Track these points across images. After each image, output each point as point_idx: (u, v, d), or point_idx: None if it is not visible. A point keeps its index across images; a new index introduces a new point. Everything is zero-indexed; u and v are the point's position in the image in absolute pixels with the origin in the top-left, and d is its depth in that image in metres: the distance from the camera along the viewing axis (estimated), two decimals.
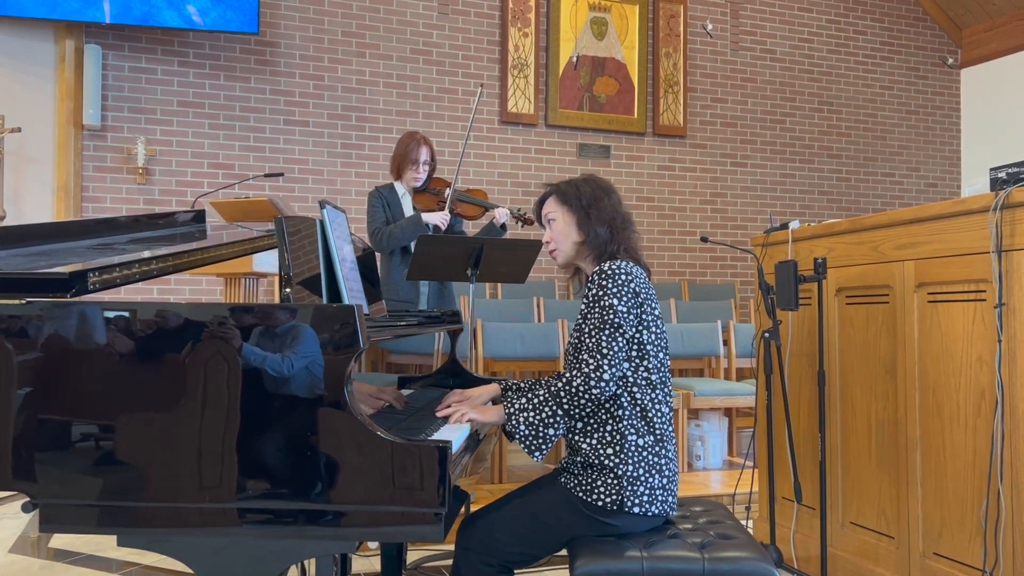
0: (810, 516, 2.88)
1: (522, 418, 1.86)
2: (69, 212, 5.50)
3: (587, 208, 2.03)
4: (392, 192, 3.75)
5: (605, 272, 1.92)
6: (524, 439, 1.85)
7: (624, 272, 1.92)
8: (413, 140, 3.70)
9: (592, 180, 2.11)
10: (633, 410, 1.90)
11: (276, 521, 1.45)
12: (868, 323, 2.63)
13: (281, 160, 6.02)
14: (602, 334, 1.86)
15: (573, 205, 2.05)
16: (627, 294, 1.90)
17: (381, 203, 3.70)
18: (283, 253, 1.67)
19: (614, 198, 2.09)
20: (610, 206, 2.05)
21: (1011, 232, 2.08)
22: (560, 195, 2.08)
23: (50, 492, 1.45)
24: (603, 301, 1.89)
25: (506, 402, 1.96)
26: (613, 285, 1.90)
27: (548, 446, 1.86)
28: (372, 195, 3.74)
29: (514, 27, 6.56)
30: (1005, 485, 2.10)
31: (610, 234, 2.02)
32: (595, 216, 2.03)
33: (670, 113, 6.95)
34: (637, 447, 1.87)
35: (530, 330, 4.78)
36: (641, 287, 1.94)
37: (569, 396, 1.85)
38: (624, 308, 1.88)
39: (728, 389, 4.68)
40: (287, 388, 1.44)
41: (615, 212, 2.06)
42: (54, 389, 1.45)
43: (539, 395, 1.88)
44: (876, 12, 7.71)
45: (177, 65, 5.83)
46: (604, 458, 1.87)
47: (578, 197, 2.05)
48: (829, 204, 7.48)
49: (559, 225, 2.08)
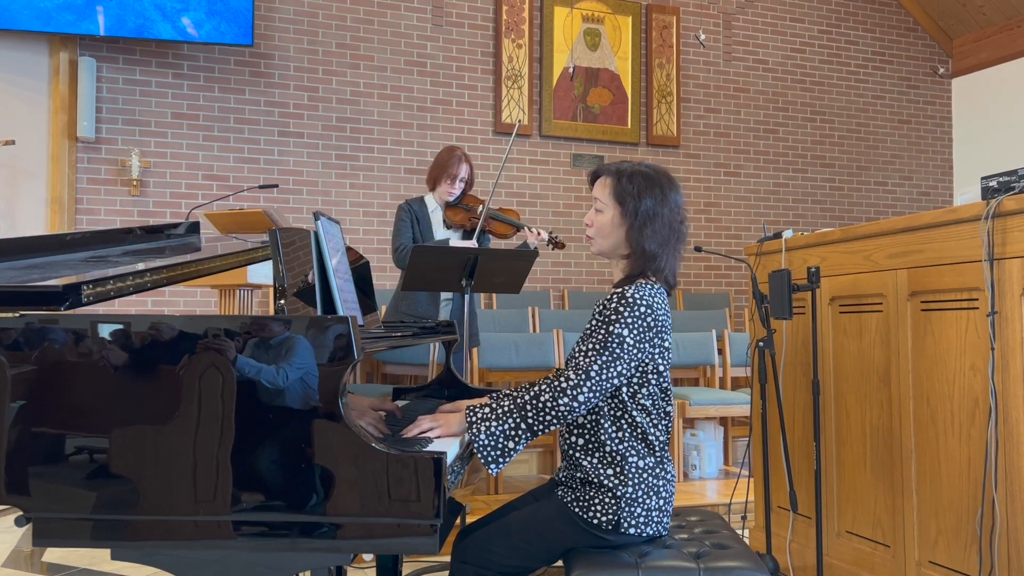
0: (806, 525, 2.88)
1: (484, 427, 1.75)
2: (63, 224, 5.49)
3: (642, 223, 1.89)
4: (422, 206, 3.74)
5: (626, 299, 1.83)
6: (482, 449, 1.74)
7: (645, 304, 1.83)
8: (454, 155, 3.71)
9: (655, 182, 1.92)
10: (633, 432, 1.87)
11: (270, 534, 1.44)
12: (862, 332, 2.64)
13: (275, 171, 6.03)
14: (600, 358, 1.80)
15: (628, 210, 1.91)
16: (640, 327, 1.82)
17: (409, 218, 3.70)
18: (277, 265, 1.67)
19: (673, 206, 1.92)
20: (667, 220, 1.90)
21: (1003, 240, 2.09)
22: (617, 190, 1.92)
23: (43, 506, 1.44)
24: (613, 327, 1.81)
25: (469, 409, 1.81)
26: (630, 315, 1.82)
27: (507, 459, 1.76)
28: (401, 208, 3.74)
29: (508, 38, 6.58)
30: (1000, 493, 2.10)
31: (656, 255, 1.90)
32: (648, 235, 1.89)
33: (664, 123, 6.98)
34: (638, 468, 1.85)
35: (525, 340, 4.77)
36: (658, 320, 1.86)
37: (535, 411, 1.77)
38: (632, 341, 1.81)
39: (723, 398, 4.68)
40: (281, 400, 1.44)
41: (671, 228, 1.91)
42: (48, 402, 1.45)
43: (504, 405, 1.79)
44: (868, 23, 7.76)
45: (171, 77, 5.84)
46: (604, 478, 1.85)
47: (635, 203, 1.89)
48: (822, 213, 7.51)
49: (605, 220, 1.94)
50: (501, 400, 1.82)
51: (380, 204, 6.24)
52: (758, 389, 2.88)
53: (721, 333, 5.25)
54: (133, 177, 5.64)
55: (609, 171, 1.97)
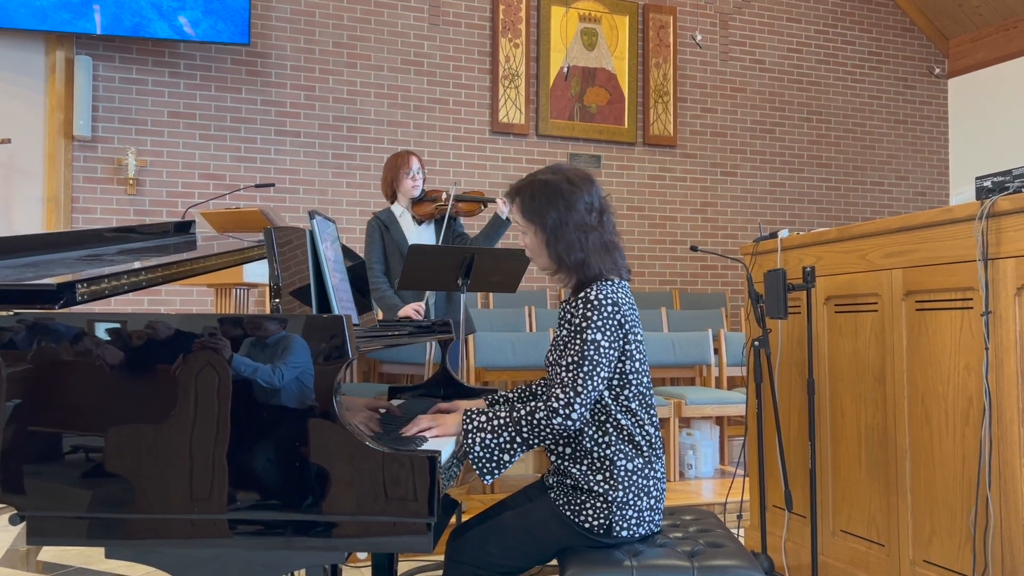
0: (801, 524, 2.89)
1: (478, 438, 1.76)
2: (59, 223, 5.48)
3: (555, 238, 1.88)
4: (390, 215, 3.76)
5: (591, 302, 1.82)
6: (477, 460, 1.75)
7: (610, 302, 1.82)
8: (400, 155, 3.80)
9: (555, 191, 1.88)
10: (619, 435, 1.86)
11: (266, 532, 1.44)
12: (857, 331, 2.64)
13: (272, 171, 6.02)
14: (580, 370, 1.78)
15: (539, 228, 1.90)
16: (611, 327, 1.82)
17: (379, 232, 3.72)
18: (273, 264, 1.67)
19: (582, 206, 1.88)
20: (579, 223, 1.87)
21: (997, 240, 2.10)
22: (524, 211, 1.91)
23: (38, 504, 1.44)
24: (586, 334, 1.80)
25: (467, 416, 1.80)
26: (598, 318, 1.81)
27: (500, 471, 1.76)
28: (370, 224, 3.77)
29: (504, 38, 6.58)
30: (993, 492, 2.11)
31: (582, 262, 1.88)
32: (564, 248, 1.87)
33: (660, 123, 6.99)
34: (627, 471, 1.85)
35: (521, 339, 4.78)
36: (626, 316, 1.86)
37: (530, 427, 1.76)
38: (607, 343, 1.81)
39: (719, 398, 4.68)
40: (276, 399, 1.44)
41: (586, 228, 1.88)
42: (42, 401, 1.45)
43: (500, 417, 1.78)
44: (864, 23, 7.78)
45: (168, 76, 5.83)
46: (594, 484, 1.84)
47: (542, 219, 1.88)
48: (819, 213, 7.52)
49: (528, 242, 1.94)
50: (498, 410, 1.82)
51: (376, 203, 6.23)
52: (754, 388, 2.88)
53: (717, 333, 5.25)
54: (129, 176, 5.63)
55: (514, 192, 1.95)
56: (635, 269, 6.88)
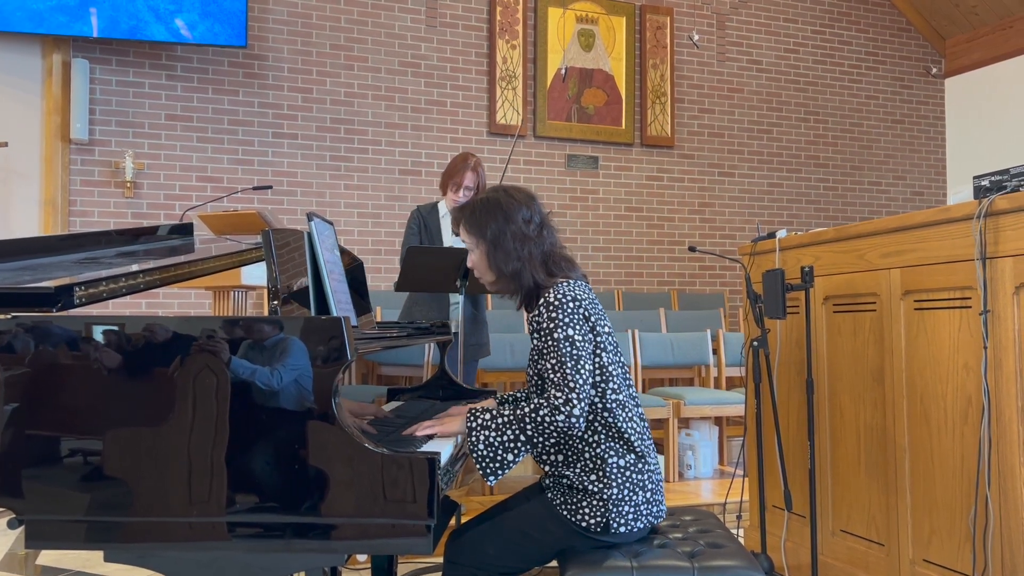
0: (800, 524, 2.89)
1: (482, 436, 1.77)
2: (56, 226, 5.48)
3: (494, 249, 1.93)
4: (433, 212, 3.69)
5: (552, 304, 1.85)
6: (481, 459, 1.76)
7: (571, 299, 1.86)
8: (461, 163, 3.57)
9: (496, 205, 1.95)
10: (608, 432, 1.87)
11: (265, 535, 1.44)
12: (855, 331, 2.64)
13: (270, 173, 6.02)
14: (565, 368, 1.79)
15: (479, 237, 1.95)
16: (578, 321, 1.84)
17: (418, 225, 3.68)
18: (271, 266, 1.67)
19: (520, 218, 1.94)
20: (516, 233, 1.93)
21: (995, 239, 2.10)
22: (470, 228, 1.96)
23: (37, 508, 1.44)
24: (556, 334, 1.82)
25: (471, 413, 1.82)
26: (564, 315, 1.83)
27: (504, 471, 1.76)
28: (412, 214, 3.72)
29: (502, 39, 6.58)
30: (993, 491, 2.11)
31: (518, 272, 1.92)
32: (501, 258, 1.92)
33: (657, 124, 6.99)
34: (619, 468, 1.85)
35: (519, 341, 4.78)
36: (589, 311, 1.89)
37: (534, 425, 1.77)
38: (579, 337, 1.83)
39: (718, 398, 4.68)
40: (275, 401, 1.44)
41: (523, 238, 1.93)
42: (40, 404, 1.45)
43: (504, 416, 1.79)
44: (861, 23, 7.79)
45: (165, 79, 5.83)
46: (589, 483, 1.85)
47: (483, 232, 1.93)
48: (816, 213, 7.53)
49: (474, 260, 1.99)
50: (502, 409, 1.82)
51: (375, 205, 6.24)
52: (752, 389, 2.88)
53: (716, 333, 5.25)
54: (127, 179, 5.63)
55: (458, 212, 2.01)
56: (633, 270, 6.89)
